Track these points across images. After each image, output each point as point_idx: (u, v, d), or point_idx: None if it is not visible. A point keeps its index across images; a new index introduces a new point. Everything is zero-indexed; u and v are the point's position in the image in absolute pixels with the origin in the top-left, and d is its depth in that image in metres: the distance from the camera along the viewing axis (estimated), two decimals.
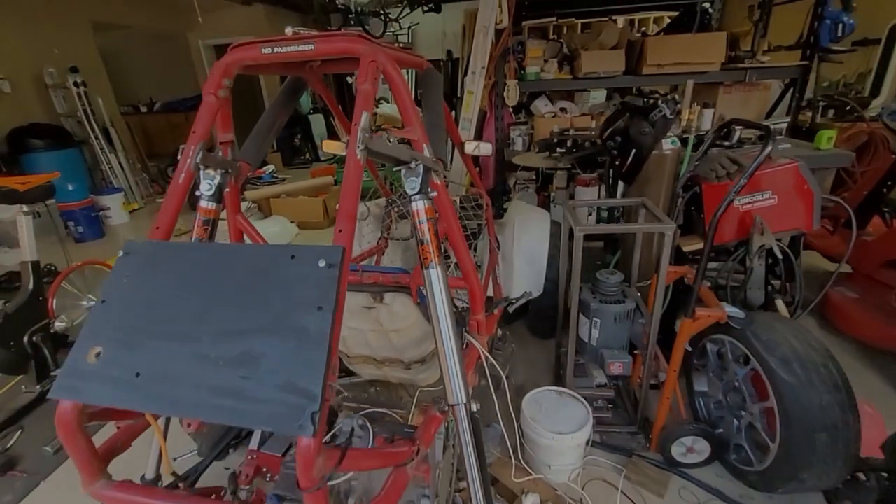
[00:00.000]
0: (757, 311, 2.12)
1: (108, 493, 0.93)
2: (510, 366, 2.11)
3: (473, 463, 1.10)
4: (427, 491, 1.15)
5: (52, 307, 2.77)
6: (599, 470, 1.99)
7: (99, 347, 0.89)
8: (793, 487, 1.61)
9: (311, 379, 0.76)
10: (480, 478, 1.13)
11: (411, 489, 1.20)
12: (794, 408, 1.53)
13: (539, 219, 2.56)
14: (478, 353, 1.45)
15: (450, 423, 1.33)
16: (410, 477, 0.97)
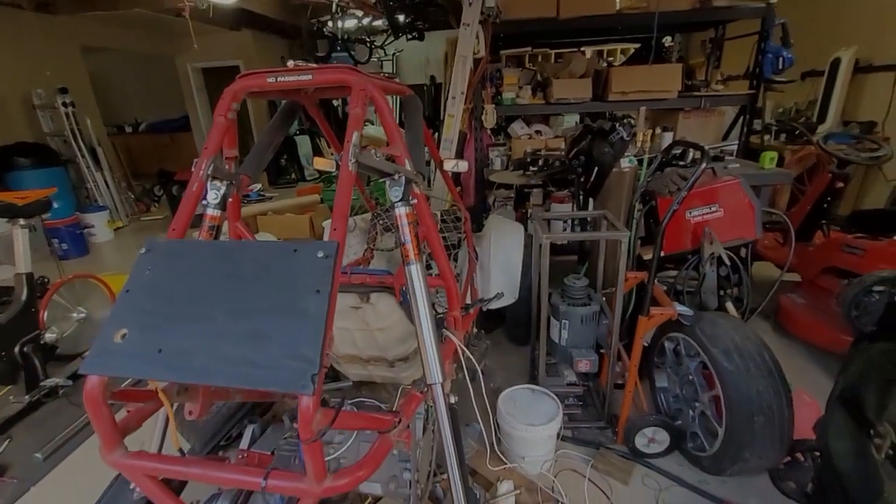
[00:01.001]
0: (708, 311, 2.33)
1: (125, 461, 1.06)
2: (485, 361, 2.26)
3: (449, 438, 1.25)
4: (409, 465, 1.30)
5: (44, 319, 2.83)
6: (570, 461, 2.14)
7: (124, 329, 1.03)
8: (738, 468, 1.79)
9: (312, 348, 0.93)
10: (458, 459, 1.28)
11: (394, 463, 1.34)
12: (735, 394, 1.72)
13: (514, 231, 2.76)
14: (455, 346, 1.62)
15: (429, 408, 1.48)
16: (393, 443, 1.11)
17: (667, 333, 2.16)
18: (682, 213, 2.39)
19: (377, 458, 1.05)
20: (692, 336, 1.94)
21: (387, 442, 1.09)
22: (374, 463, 1.04)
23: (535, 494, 1.81)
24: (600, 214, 2.27)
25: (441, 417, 1.26)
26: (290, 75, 1.31)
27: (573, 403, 2.38)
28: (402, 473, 1.32)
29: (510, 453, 2.05)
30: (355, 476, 0.99)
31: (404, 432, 1.13)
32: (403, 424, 1.15)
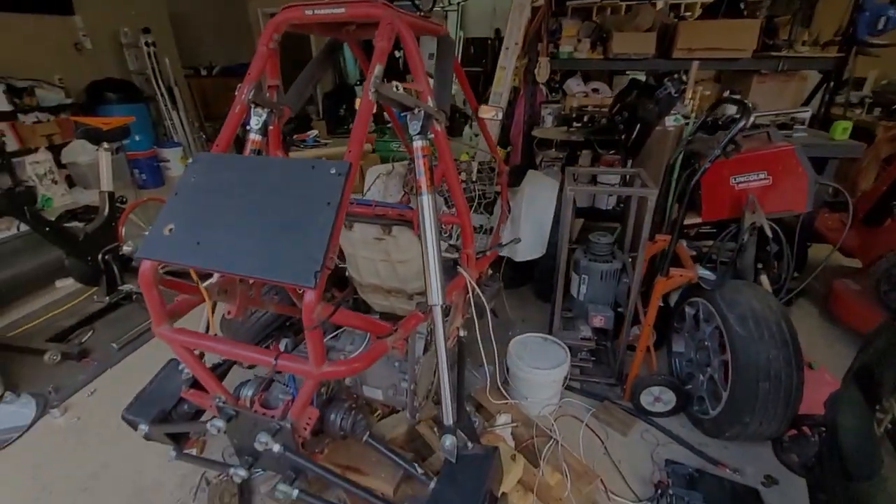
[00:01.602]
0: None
1: (171, 335, 1.27)
2: (499, 303, 2.32)
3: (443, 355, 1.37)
4: (407, 376, 1.44)
5: (122, 233, 3.24)
6: (573, 409, 2.23)
7: (172, 224, 1.22)
8: (737, 431, 1.80)
9: (318, 250, 1.06)
10: (450, 380, 1.39)
11: (395, 373, 1.49)
12: (744, 359, 1.71)
13: (549, 186, 2.76)
14: (465, 282, 1.72)
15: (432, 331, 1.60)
16: (388, 347, 1.24)
17: (689, 299, 2.14)
18: (727, 179, 2.28)
19: (371, 356, 1.19)
20: (711, 301, 1.91)
21: (382, 346, 1.23)
22: (368, 359, 1.18)
23: (531, 429, 1.93)
24: (635, 172, 2.22)
25: (437, 337, 1.37)
26: (325, 8, 1.39)
27: (585, 358, 2.43)
28: (400, 383, 1.47)
29: (515, 393, 2.17)
30: (350, 366, 1.14)
31: (400, 342, 1.26)
32: (400, 335, 1.28)
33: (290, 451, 1.26)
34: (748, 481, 1.84)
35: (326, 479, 1.30)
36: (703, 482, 1.80)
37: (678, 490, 1.75)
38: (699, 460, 1.93)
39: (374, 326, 1.26)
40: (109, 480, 1.90)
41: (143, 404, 1.64)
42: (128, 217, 3.30)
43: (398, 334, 1.28)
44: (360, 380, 1.57)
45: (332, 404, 1.46)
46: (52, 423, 2.22)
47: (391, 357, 1.52)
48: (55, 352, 2.63)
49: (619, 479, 1.86)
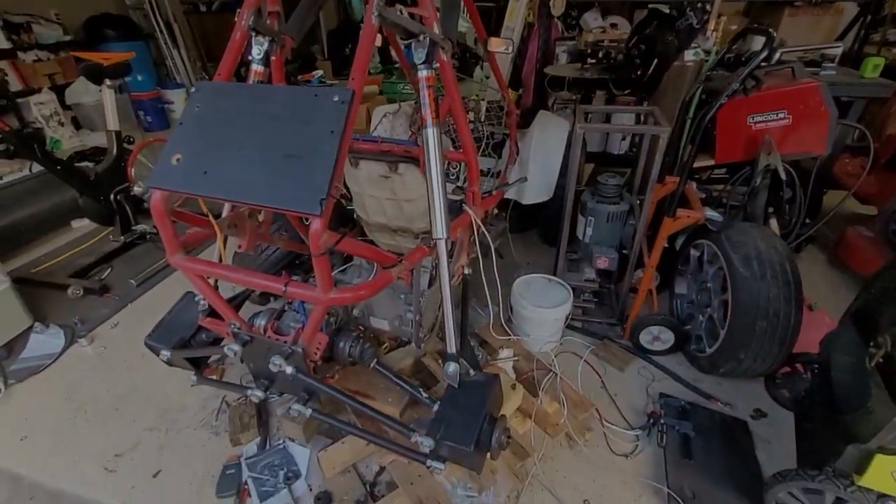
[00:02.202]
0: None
1: (185, 263, 1.31)
2: (504, 246, 2.32)
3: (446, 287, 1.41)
4: (412, 308, 1.49)
5: (132, 174, 3.26)
6: (573, 347, 2.30)
7: (179, 154, 1.22)
8: (731, 367, 1.86)
9: (323, 178, 1.06)
10: (460, 319, 1.44)
11: (400, 305, 1.55)
12: (744, 297, 1.73)
13: (558, 127, 2.69)
14: (470, 220, 1.73)
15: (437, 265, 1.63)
16: (393, 278, 1.28)
17: (694, 241, 2.14)
18: (744, 118, 2.20)
19: (376, 284, 1.23)
20: (717, 242, 1.91)
21: (387, 275, 1.27)
22: (373, 287, 1.22)
23: (532, 363, 2.01)
24: (649, 110, 2.14)
25: (441, 270, 1.41)
26: None
27: (588, 299, 2.48)
28: (406, 314, 1.52)
29: (517, 330, 2.24)
30: (356, 293, 1.18)
31: (405, 272, 1.30)
32: (405, 266, 1.31)
33: (302, 373, 1.34)
34: (738, 414, 1.92)
35: (337, 400, 1.39)
36: (694, 413, 1.89)
37: (669, 420, 1.84)
38: (693, 395, 2.02)
39: (379, 256, 1.29)
40: (138, 402, 2.04)
41: (164, 332, 1.73)
42: (136, 159, 3.31)
43: (403, 265, 1.31)
44: (367, 311, 1.63)
45: (341, 333, 1.53)
46: (81, 351, 2.36)
47: (397, 289, 1.56)
48: (77, 287, 2.74)
49: (614, 410, 1.96)
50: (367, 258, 1.41)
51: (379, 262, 1.29)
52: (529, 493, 1.62)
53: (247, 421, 1.85)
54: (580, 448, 1.78)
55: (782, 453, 1.75)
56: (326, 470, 1.64)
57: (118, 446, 1.84)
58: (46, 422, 1.97)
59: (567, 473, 1.70)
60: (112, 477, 1.73)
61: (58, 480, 1.74)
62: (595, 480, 1.68)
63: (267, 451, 1.77)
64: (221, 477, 1.67)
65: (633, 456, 1.76)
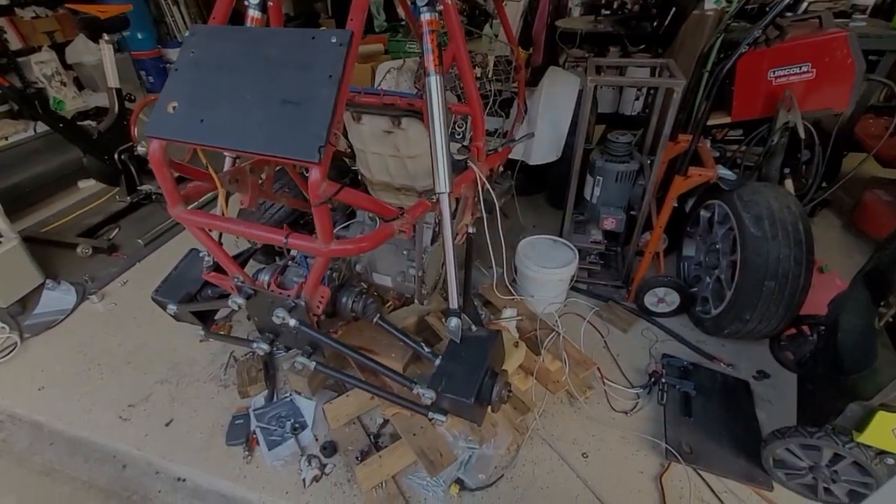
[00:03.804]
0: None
1: (186, 215, 1.31)
2: (510, 208, 2.26)
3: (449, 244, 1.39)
4: (415, 264, 1.49)
5: (135, 134, 3.22)
6: (577, 308, 2.30)
7: (175, 102, 1.19)
8: (736, 328, 1.85)
9: (321, 124, 1.03)
10: (463, 277, 1.43)
11: (403, 261, 1.54)
12: (753, 258, 1.70)
13: (568, 83, 2.59)
14: (474, 176, 1.69)
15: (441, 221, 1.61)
16: (394, 231, 1.27)
17: (705, 202, 2.09)
18: (764, 72, 2.10)
19: (378, 237, 1.22)
20: (728, 202, 1.86)
21: (388, 228, 1.25)
22: (375, 240, 1.20)
23: (535, 323, 2.02)
24: (664, 63, 2.05)
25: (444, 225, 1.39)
26: None
27: (594, 261, 2.46)
28: (408, 270, 1.52)
29: (521, 291, 2.24)
30: (358, 245, 1.17)
31: (407, 226, 1.28)
32: (407, 220, 1.30)
33: (305, 325, 1.35)
34: (740, 375, 1.93)
35: (340, 353, 1.40)
36: (696, 374, 1.90)
37: (671, 379, 1.85)
38: (695, 356, 2.02)
39: (381, 208, 1.27)
40: (148, 356, 2.09)
41: (171, 287, 1.75)
42: (139, 118, 3.27)
43: (405, 219, 1.29)
44: (369, 267, 1.62)
45: (343, 288, 1.53)
46: (92, 307, 2.41)
47: (400, 245, 1.55)
48: (86, 245, 2.77)
49: (616, 369, 1.97)
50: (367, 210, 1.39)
51: (380, 215, 1.27)
52: (529, 446, 1.66)
53: (254, 375, 1.89)
54: (580, 405, 1.80)
55: (782, 413, 1.76)
56: (332, 421, 1.69)
57: (131, 397, 1.90)
58: (62, 374, 2.03)
59: (566, 428, 1.73)
60: (126, 425, 1.79)
61: (75, 428, 1.81)
62: (594, 435, 1.71)
63: (274, 403, 1.82)
64: (231, 426, 1.73)
65: (632, 413, 1.79)
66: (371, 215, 1.68)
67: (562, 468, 1.60)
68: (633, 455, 1.65)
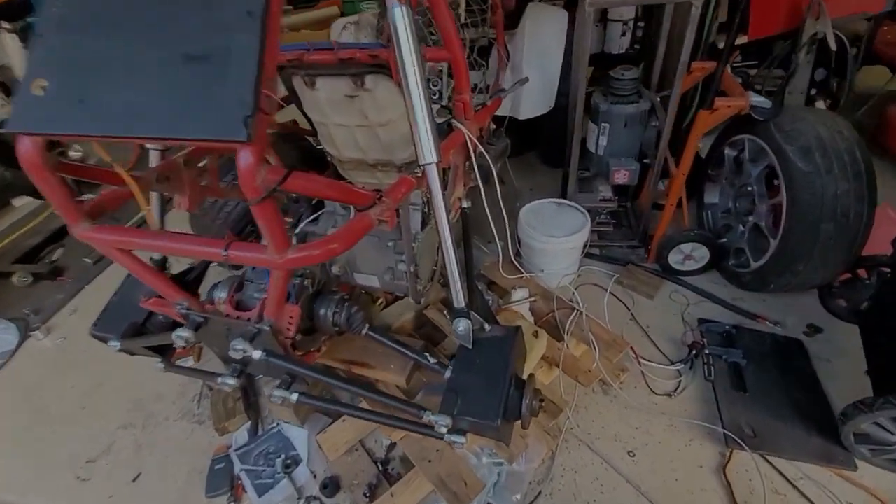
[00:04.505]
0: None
1: (92, 234, 0.98)
2: (503, 170, 1.96)
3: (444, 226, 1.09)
4: (404, 257, 1.19)
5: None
6: (594, 277, 2.04)
7: (43, 81, 0.84)
8: (785, 282, 1.60)
9: (245, 86, 0.70)
10: (464, 262, 1.13)
11: (390, 255, 1.24)
12: (805, 197, 1.43)
13: (554, 20, 2.23)
14: (463, 138, 1.37)
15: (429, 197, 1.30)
16: (373, 222, 0.97)
17: (731, 138, 1.80)
18: None
19: (351, 233, 0.91)
20: (763, 135, 1.57)
21: (364, 220, 0.94)
22: (348, 238, 0.90)
23: (551, 302, 1.75)
24: None
25: (436, 205, 1.08)
26: None
27: (605, 221, 2.18)
28: (397, 265, 1.22)
29: (529, 266, 1.95)
30: (325, 248, 0.86)
31: (388, 213, 0.97)
32: (387, 205, 0.98)
33: (274, 355, 1.06)
34: (790, 333, 1.70)
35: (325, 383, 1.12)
36: (741, 338, 1.66)
37: (714, 348, 1.61)
38: (735, 316, 1.78)
39: (351, 195, 0.96)
40: (106, 396, 1.79)
41: (111, 318, 1.43)
42: None
43: (384, 203, 0.98)
44: (349, 267, 1.32)
45: (320, 298, 1.23)
46: (38, 345, 2.07)
47: (383, 236, 1.24)
48: (24, 273, 2.41)
49: (649, 344, 1.73)
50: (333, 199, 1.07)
51: (353, 203, 0.96)
52: (565, 451, 1.42)
53: (232, 405, 1.61)
54: (615, 392, 1.56)
55: (845, 372, 1.54)
56: (329, 452, 1.42)
57: (90, 450, 1.61)
58: (6, 430, 1.72)
59: (605, 423, 1.49)
60: (86, 487, 1.51)
61: (28, 498, 1.52)
62: (637, 427, 1.47)
63: (259, 437, 1.55)
64: (211, 473, 1.45)
65: (676, 395, 1.55)
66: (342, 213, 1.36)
67: (607, 473, 1.36)
68: (686, 447, 1.41)
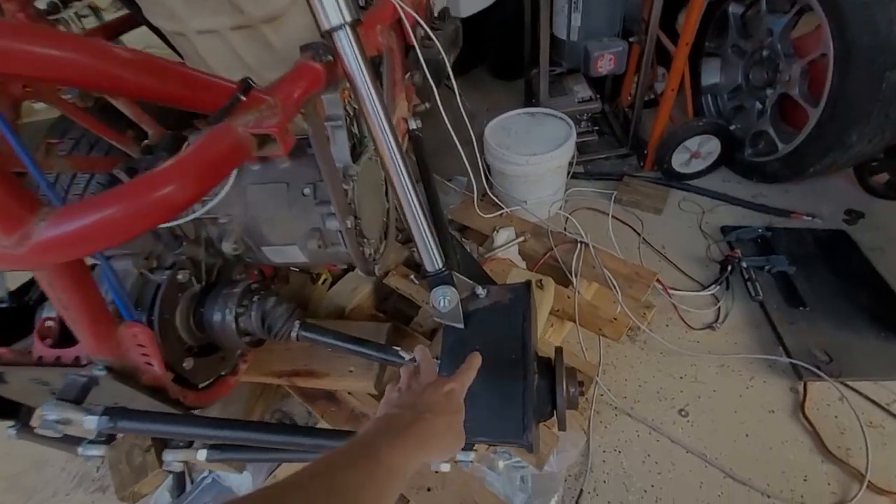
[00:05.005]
0: None
1: None
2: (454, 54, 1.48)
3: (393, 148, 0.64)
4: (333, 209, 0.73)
5: None
6: (585, 200, 1.66)
7: None
8: (830, 161, 1.27)
9: None
10: (418, 199, 0.68)
11: (310, 209, 0.77)
12: (864, 39, 1.06)
13: None
14: (392, 9, 0.88)
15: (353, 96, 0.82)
16: (246, 145, 0.49)
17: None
18: None
19: (193, 168, 0.43)
20: None
21: (227, 136, 0.46)
22: (184, 183, 0.42)
23: (545, 239, 1.35)
24: None
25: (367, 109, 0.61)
26: None
27: (586, 130, 1.77)
28: (325, 223, 0.76)
29: (507, 199, 1.54)
30: (116, 217, 0.38)
31: (276, 126, 0.49)
32: (275, 110, 0.51)
33: (128, 413, 0.60)
34: (829, 224, 1.40)
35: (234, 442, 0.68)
36: (779, 241, 1.34)
37: (752, 259, 1.29)
38: (762, 217, 1.46)
39: (197, 89, 0.47)
40: None
41: None
42: None
43: (267, 108, 0.50)
44: (250, 239, 0.83)
45: (211, 297, 0.76)
46: None
47: (295, 181, 0.76)
48: None
49: (671, 269, 1.39)
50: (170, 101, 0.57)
51: (198, 107, 0.47)
52: (600, 429, 1.08)
53: (140, 460, 1.14)
54: (645, 337, 1.22)
55: None
56: None
57: None
58: None
59: (641, 379, 1.15)
60: None
61: None
62: (682, 377, 1.14)
63: (189, 494, 1.11)
64: None
65: (719, 326, 1.22)
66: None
67: (659, 445, 1.04)
68: (748, 390, 1.10)
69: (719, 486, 0.97)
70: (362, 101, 0.63)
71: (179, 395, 0.72)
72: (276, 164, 0.78)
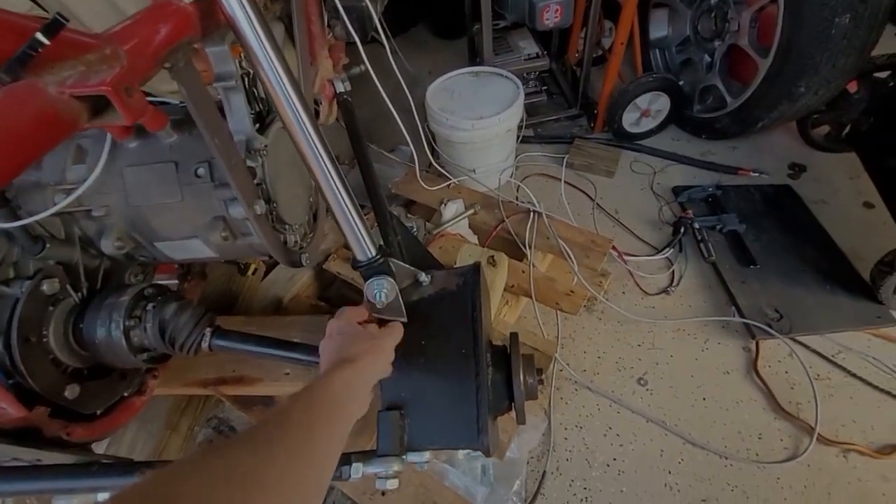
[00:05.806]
0: None
1: None
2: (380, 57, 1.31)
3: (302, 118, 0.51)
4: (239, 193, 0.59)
5: None
6: (536, 166, 1.58)
7: None
8: (778, 113, 1.25)
9: None
10: (336, 173, 0.56)
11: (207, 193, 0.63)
12: None
13: None
14: None
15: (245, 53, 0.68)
16: (73, 114, 0.35)
17: None
18: None
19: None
20: None
21: (27, 100, 0.33)
22: None
23: (497, 210, 1.27)
24: None
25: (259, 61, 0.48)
26: None
27: (534, 90, 1.68)
28: (231, 211, 0.63)
29: (454, 168, 1.43)
30: None
31: (107, 83, 0.36)
32: (110, 62, 0.37)
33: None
34: (774, 180, 1.40)
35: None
36: (728, 199, 1.33)
37: (704, 220, 1.27)
38: (711, 175, 1.45)
39: None
40: None
41: None
42: None
43: (95, 63, 0.36)
44: (142, 235, 0.68)
45: (91, 309, 0.62)
46: None
47: (186, 163, 0.61)
48: None
49: (626, 234, 1.35)
50: None
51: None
52: (561, 405, 1.04)
53: None
54: (602, 307, 1.18)
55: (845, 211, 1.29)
56: None
57: None
58: None
59: (599, 350, 1.12)
60: None
61: None
62: (640, 344, 1.12)
63: None
64: None
65: (673, 289, 1.20)
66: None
67: (620, 417, 1.01)
68: (703, 353, 1.09)
69: (679, 453, 0.96)
70: (252, 54, 0.49)
71: (60, 431, 0.59)
72: (160, 139, 0.62)
